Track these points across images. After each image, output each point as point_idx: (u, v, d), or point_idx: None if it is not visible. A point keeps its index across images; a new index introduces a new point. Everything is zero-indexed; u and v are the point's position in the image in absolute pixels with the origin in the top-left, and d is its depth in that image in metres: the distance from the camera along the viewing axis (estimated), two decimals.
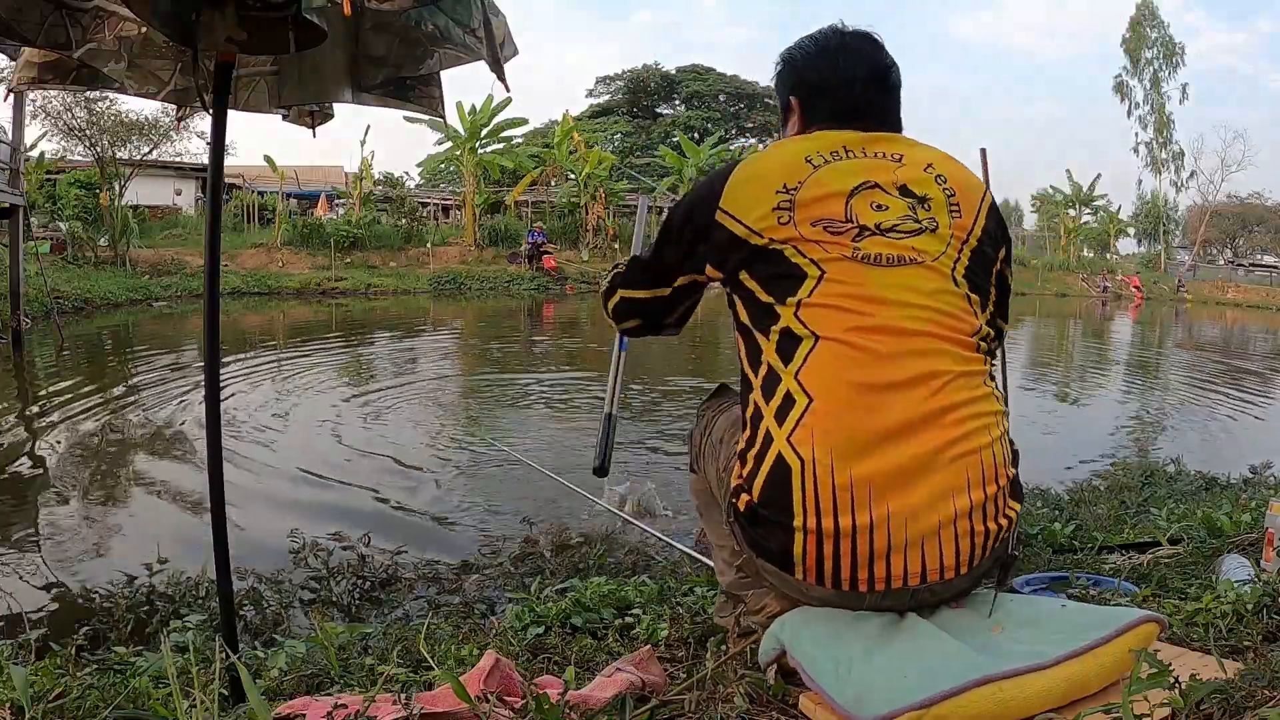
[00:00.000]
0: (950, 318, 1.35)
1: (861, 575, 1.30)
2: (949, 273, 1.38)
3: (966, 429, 1.31)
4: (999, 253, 1.48)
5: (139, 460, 5.34)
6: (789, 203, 1.38)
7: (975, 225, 1.43)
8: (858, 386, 1.30)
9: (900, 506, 1.27)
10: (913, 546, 1.28)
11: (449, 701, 1.24)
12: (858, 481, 1.27)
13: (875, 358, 1.30)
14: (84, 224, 19.08)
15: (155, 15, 1.70)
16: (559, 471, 4.58)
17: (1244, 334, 21.13)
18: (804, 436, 1.29)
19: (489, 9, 1.70)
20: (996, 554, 1.38)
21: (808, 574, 1.32)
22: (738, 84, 47.83)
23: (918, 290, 1.35)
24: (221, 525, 1.84)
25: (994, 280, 1.46)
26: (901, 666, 1.18)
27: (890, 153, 1.46)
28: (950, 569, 1.30)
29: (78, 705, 1.41)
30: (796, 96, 1.57)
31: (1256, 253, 47.71)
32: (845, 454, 1.28)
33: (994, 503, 1.32)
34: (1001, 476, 1.33)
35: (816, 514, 1.28)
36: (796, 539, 1.30)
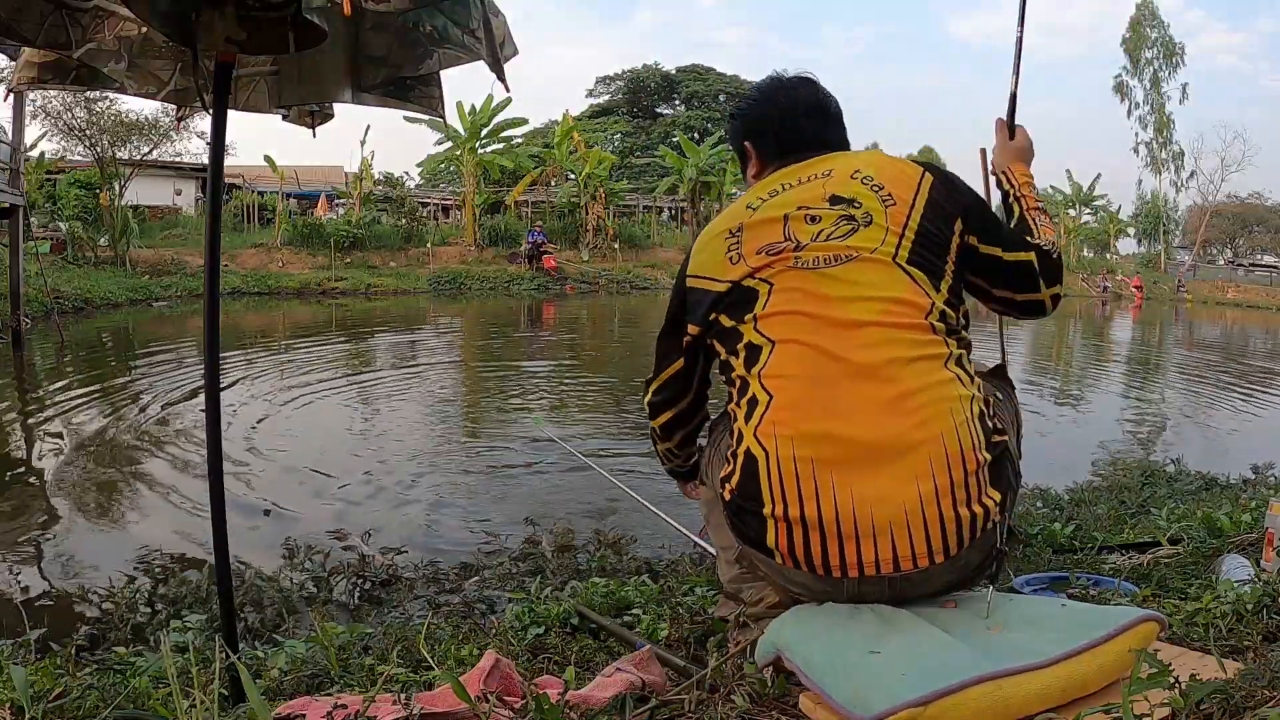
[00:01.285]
0: (899, 304, 1.41)
1: (833, 561, 1.36)
2: (890, 260, 1.44)
3: (925, 415, 1.34)
4: (953, 226, 1.51)
5: (139, 460, 5.34)
6: (736, 243, 1.53)
7: (913, 210, 1.48)
8: (813, 380, 1.38)
9: (863, 493, 1.33)
10: (881, 533, 1.33)
11: (449, 701, 1.24)
12: (820, 471, 1.34)
13: (827, 354, 1.39)
14: (84, 224, 19.09)
15: (155, 15, 1.71)
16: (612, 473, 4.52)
17: (1244, 334, 21.13)
18: (767, 430, 1.39)
19: (489, 9, 1.70)
20: (982, 546, 1.39)
21: (785, 559, 1.40)
22: (738, 84, 47.79)
23: (862, 283, 1.42)
24: (221, 525, 1.84)
25: (954, 255, 1.49)
26: (900, 665, 1.18)
27: (820, 172, 1.57)
28: (923, 556, 1.34)
29: (78, 705, 1.41)
30: (749, 141, 1.73)
31: (1256, 253, 47.72)
32: (804, 444, 1.36)
33: (964, 488, 1.34)
34: (970, 460, 1.34)
35: (784, 502, 1.36)
36: (769, 526, 1.39)
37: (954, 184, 1.57)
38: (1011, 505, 1.45)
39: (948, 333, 1.43)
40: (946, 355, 1.41)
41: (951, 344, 1.42)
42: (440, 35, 1.71)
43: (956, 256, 1.50)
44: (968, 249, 1.52)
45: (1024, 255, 1.56)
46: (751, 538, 1.43)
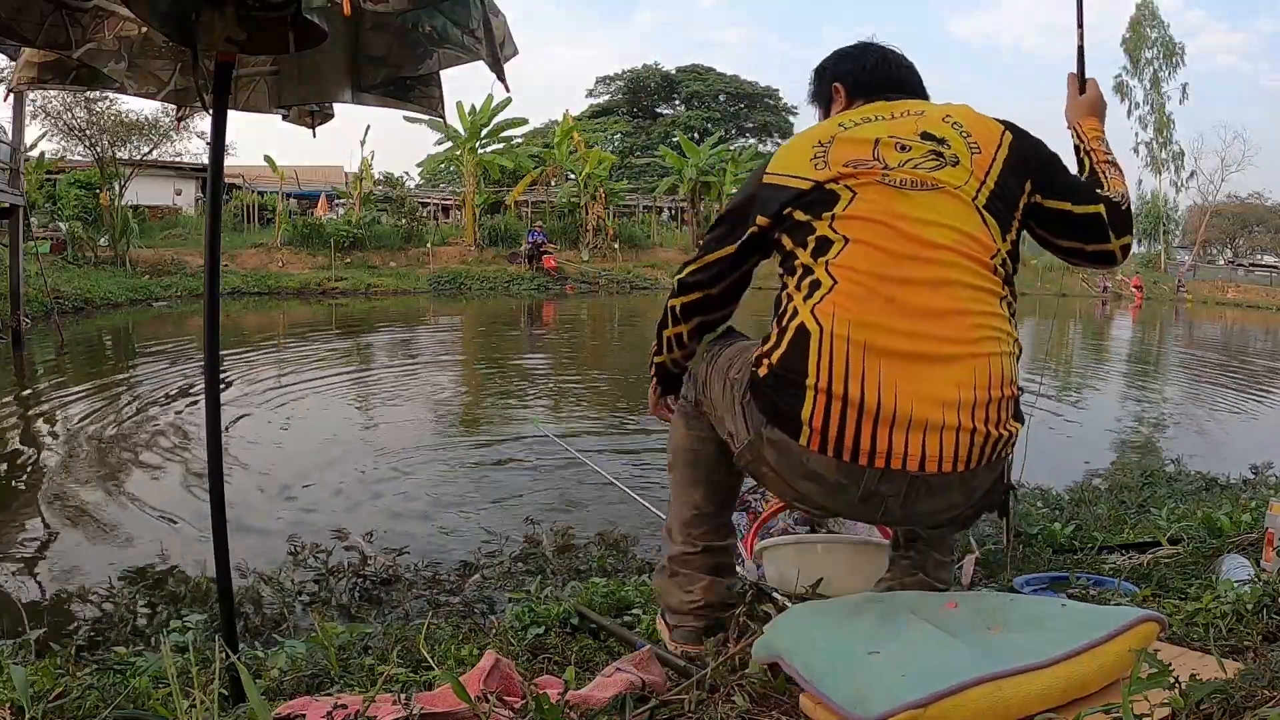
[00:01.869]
0: (970, 239, 1.47)
1: (864, 445, 1.39)
2: (970, 200, 1.50)
3: (977, 334, 1.43)
4: (1024, 184, 1.56)
5: (139, 460, 5.34)
6: (824, 151, 1.56)
7: (995, 162, 1.55)
8: (880, 278, 1.43)
9: (907, 387, 1.38)
10: (915, 427, 1.38)
11: (449, 701, 1.24)
12: (869, 356, 1.39)
13: (898, 259, 1.44)
14: (84, 224, 19.09)
15: (155, 15, 1.71)
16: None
17: (1244, 334, 21.13)
18: (826, 309, 1.43)
19: (488, 9, 1.70)
20: (991, 472, 1.47)
21: (813, 437, 1.42)
22: (738, 84, 47.83)
23: (941, 210, 1.48)
24: (221, 525, 1.84)
25: (1021, 211, 1.56)
26: (900, 665, 1.18)
27: (914, 110, 1.64)
28: (948, 460, 1.40)
29: (78, 705, 1.41)
30: (840, 83, 1.79)
31: (1256, 253, 47.70)
32: (861, 329, 1.40)
33: (996, 408, 1.42)
34: (1006, 388, 1.43)
35: (830, 376, 1.40)
36: (808, 398, 1.41)
37: (1031, 143, 1.62)
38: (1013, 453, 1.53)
39: (1005, 280, 1.51)
40: (1001, 297, 1.49)
41: (1006, 291, 1.51)
42: (440, 35, 1.71)
43: (1023, 213, 1.57)
44: (1034, 206, 1.58)
45: (1093, 208, 1.59)
46: (783, 410, 1.44)
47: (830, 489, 1.47)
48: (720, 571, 1.80)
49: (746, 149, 34.00)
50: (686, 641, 1.76)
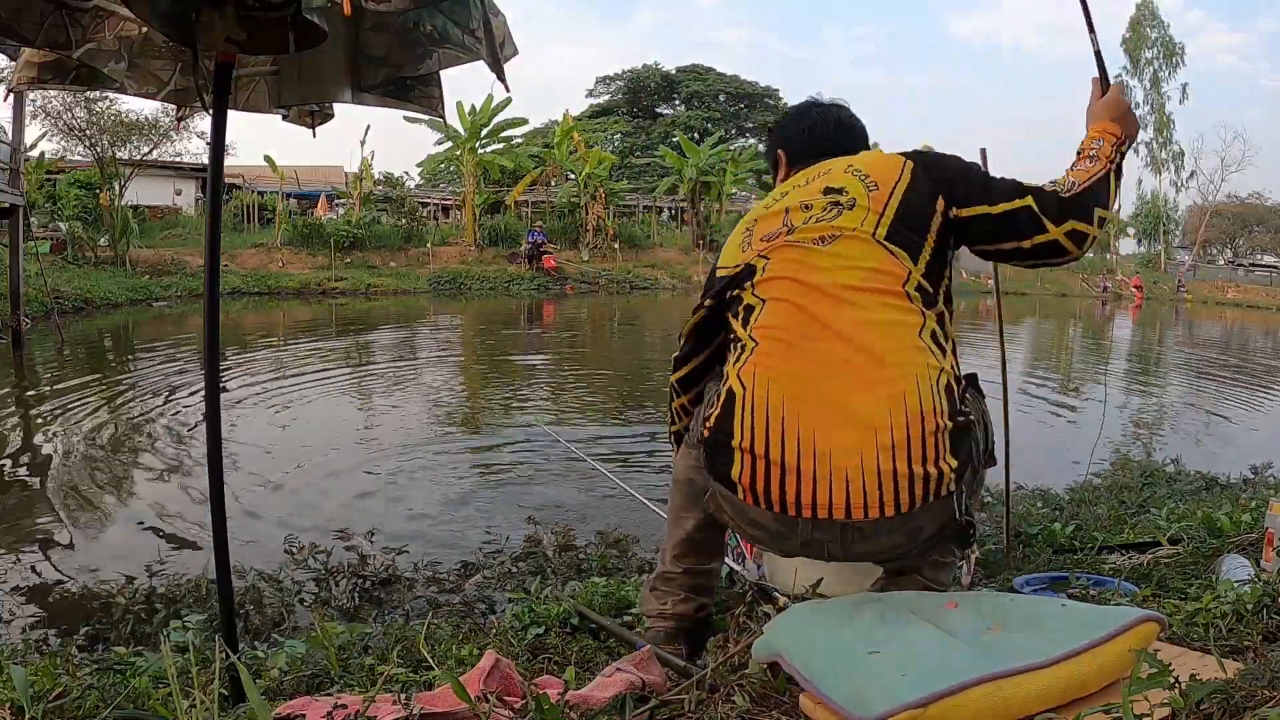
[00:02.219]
0: (877, 273, 1.54)
1: (789, 498, 1.47)
2: (870, 237, 1.57)
3: (891, 373, 1.47)
4: (935, 204, 1.60)
5: (139, 460, 5.34)
6: (749, 234, 1.73)
7: (894, 193, 1.61)
8: (794, 332, 1.54)
9: (826, 436, 1.45)
10: (837, 476, 1.44)
11: (449, 701, 1.24)
12: (789, 410, 1.48)
13: (809, 311, 1.54)
14: (84, 224, 19.08)
15: (155, 15, 1.71)
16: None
17: (1244, 334, 21.12)
18: (749, 370, 1.55)
19: (488, 9, 1.70)
20: (937, 514, 1.47)
21: (746, 494, 1.52)
22: (738, 84, 47.82)
23: (845, 255, 1.56)
24: (221, 525, 1.84)
25: (937, 230, 1.59)
26: (900, 665, 1.18)
27: (822, 171, 1.74)
28: (874, 506, 1.43)
29: (78, 705, 1.41)
30: (783, 150, 1.94)
31: (1256, 253, 47.69)
32: (779, 385, 1.50)
33: (921, 446, 1.43)
34: (930, 422, 1.44)
35: (753, 437, 1.50)
36: (735, 458, 1.52)
37: (937, 163, 1.67)
38: (972, 485, 1.53)
39: (925, 304, 1.54)
40: (920, 325, 1.52)
41: (929, 316, 1.54)
42: (440, 35, 1.71)
43: (939, 232, 1.59)
44: (952, 221, 1.60)
45: (1015, 203, 1.59)
46: (720, 471, 1.56)
47: (774, 535, 1.57)
48: (697, 591, 1.91)
49: (746, 149, 33.96)
50: (654, 643, 1.82)
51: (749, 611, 1.90)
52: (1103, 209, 1.58)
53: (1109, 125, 1.69)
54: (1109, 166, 1.62)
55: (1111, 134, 1.66)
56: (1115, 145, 1.65)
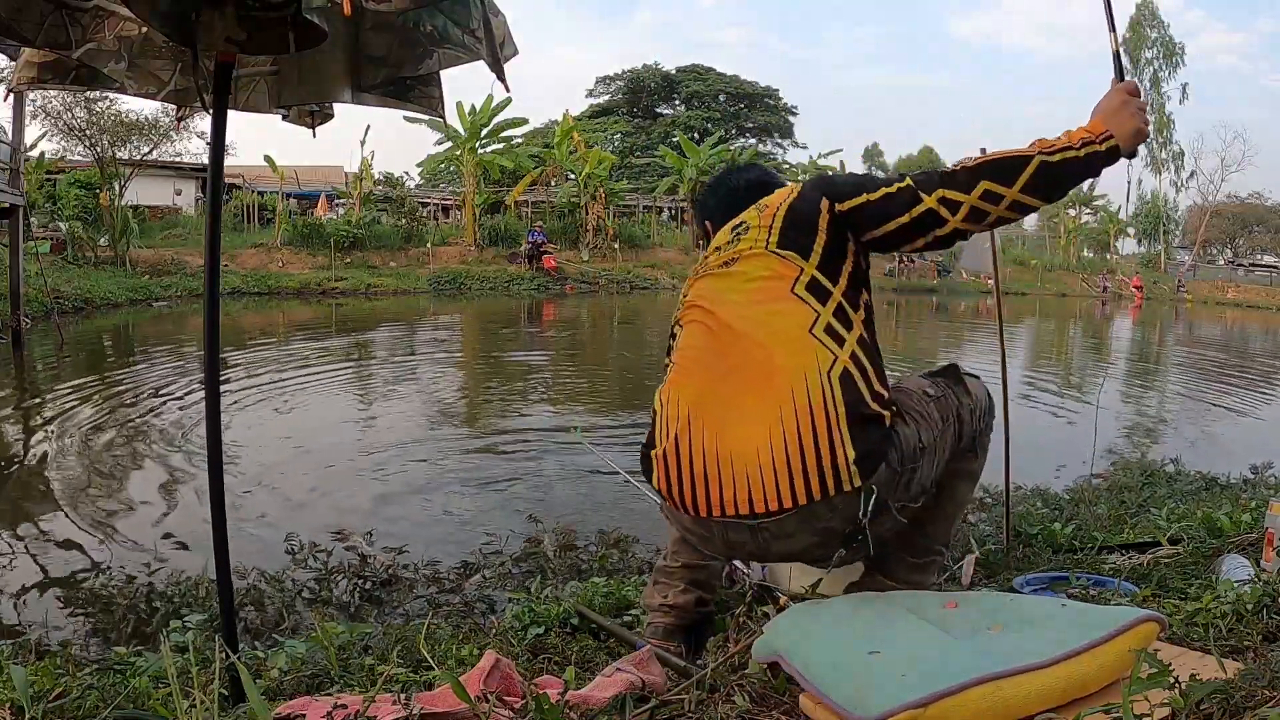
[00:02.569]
0: (770, 278, 1.64)
1: (700, 501, 1.58)
2: (763, 249, 1.68)
3: (779, 373, 1.54)
4: (819, 205, 1.69)
5: (139, 460, 5.34)
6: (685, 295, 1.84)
7: (780, 207, 1.72)
8: (701, 349, 1.68)
9: (727, 439, 1.55)
10: (739, 475, 1.53)
11: (449, 701, 1.24)
12: (694, 420, 1.60)
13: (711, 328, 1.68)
14: (84, 224, 19.07)
15: (155, 15, 1.70)
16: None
17: (1244, 334, 21.13)
18: (667, 389, 1.70)
19: (488, 9, 1.70)
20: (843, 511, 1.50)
21: (668, 498, 1.65)
22: (738, 84, 47.82)
23: (745, 273, 1.68)
24: (221, 525, 1.84)
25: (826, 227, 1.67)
26: (900, 666, 1.18)
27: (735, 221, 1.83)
28: (774, 499, 1.50)
29: (78, 705, 1.41)
30: (708, 220, 2.03)
31: (1256, 253, 47.70)
32: (687, 396, 1.64)
33: (813, 438, 1.49)
34: (820, 415, 1.50)
35: (665, 445, 1.64)
36: (655, 466, 1.67)
37: (824, 177, 1.82)
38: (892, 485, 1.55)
39: (819, 298, 1.61)
40: (813, 320, 1.59)
41: (824, 310, 1.60)
42: (440, 35, 1.71)
43: (828, 228, 1.67)
44: (839, 215, 1.68)
45: (894, 187, 1.65)
46: (650, 480, 1.71)
47: (700, 538, 1.69)
48: (695, 585, 1.96)
49: (746, 149, 34.00)
50: (654, 637, 1.88)
51: (749, 611, 1.90)
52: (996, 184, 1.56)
53: (1095, 121, 1.61)
54: (1038, 154, 1.56)
55: (1085, 130, 1.60)
56: (1084, 141, 1.58)
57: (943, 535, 1.89)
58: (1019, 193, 1.57)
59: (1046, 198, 1.60)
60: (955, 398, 1.77)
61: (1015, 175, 1.56)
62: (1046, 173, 1.57)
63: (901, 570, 1.85)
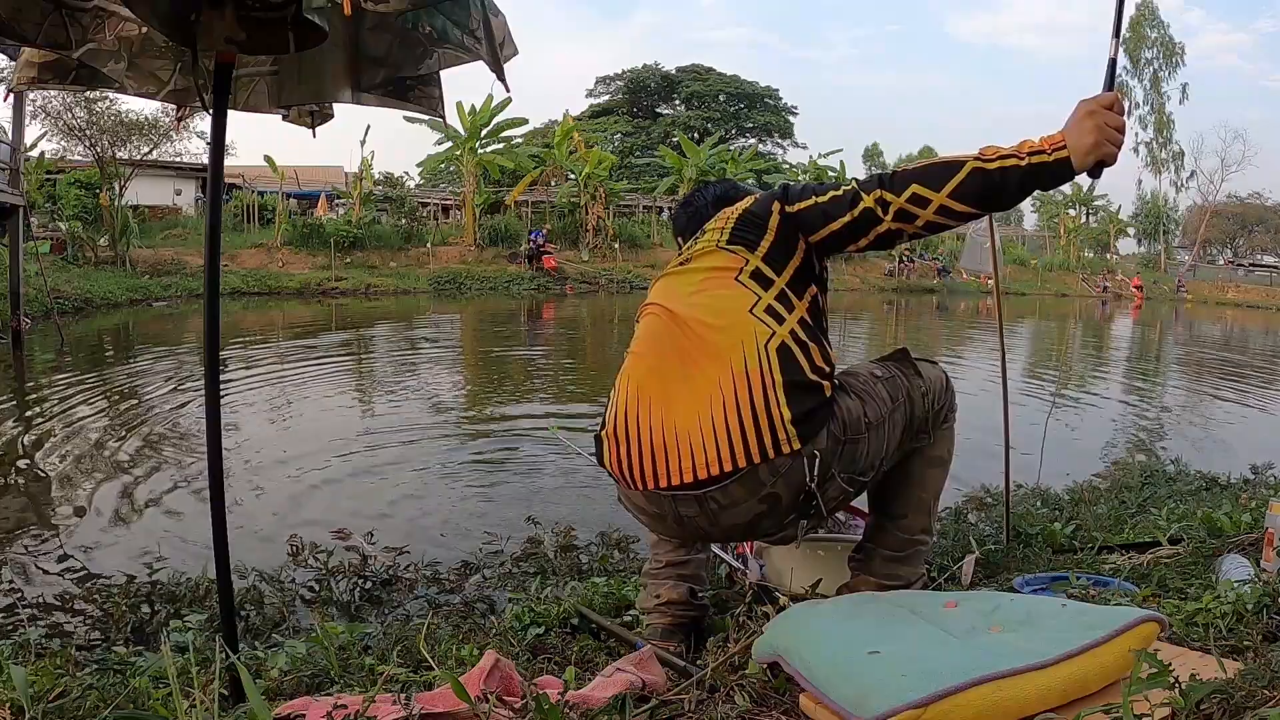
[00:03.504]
0: (715, 270, 1.73)
1: (646, 472, 1.64)
2: (714, 247, 1.76)
3: (721, 347, 1.62)
4: (770, 207, 1.75)
5: (139, 460, 5.33)
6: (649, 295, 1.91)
7: (737, 211, 1.79)
8: (651, 336, 1.76)
9: (669, 413, 1.63)
10: (682, 446, 1.60)
11: (449, 701, 1.24)
12: (641, 399, 1.68)
13: (660, 318, 1.75)
14: (84, 224, 19.08)
15: (155, 15, 1.70)
16: None
17: (1244, 334, 21.12)
18: (622, 377, 1.78)
19: (488, 9, 1.70)
20: (788, 478, 1.57)
21: (621, 480, 1.71)
22: (738, 84, 47.81)
23: (695, 268, 1.77)
24: (221, 525, 1.84)
25: (775, 227, 1.73)
26: (900, 666, 1.18)
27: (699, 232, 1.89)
28: (714, 464, 1.57)
29: (78, 705, 1.41)
30: (680, 236, 2.09)
31: (1256, 253, 47.73)
32: (634, 382, 1.72)
33: (750, 403, 1.56)
34: (756, 381, 1.57)
35: (614, 424, 1.72)
36: (606, 447, 1.74)
37: (783, 184, 1.83)
38: (835, 453, 1.61)
39: (761, 285, 1.68)
40: (754, 302, 1.66)
41: (765, 295, 1.67)
42: (440, 35, 1.70)
43: (778, 228, 1.72)
44: (788, 216, 1.73)
45: (838, 190, 1.70)
46: (600, 458, 1.78)
47: (653, 516, 1.74)
48: (684, 578, 1.99)
49: (746, 149, 33.98)
50: (653, 638, 1.88)
51: (749, 611, 1.90)
52: (925, 188, 1.55)
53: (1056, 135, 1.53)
54: (973, 160, 1.54)
55: (1043, 140, 1.53)
56: (1033, 150, 1.51)
57: (919, 523, 1.89)
58: (946, 198, 1.54)
59: (981, 205, 1.56)
60: (905, 379, 1.81)
61: (944, 180, 1.54)
62: (980, 180, 1.52)
63: (881, 565, 1.87)
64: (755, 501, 1.60)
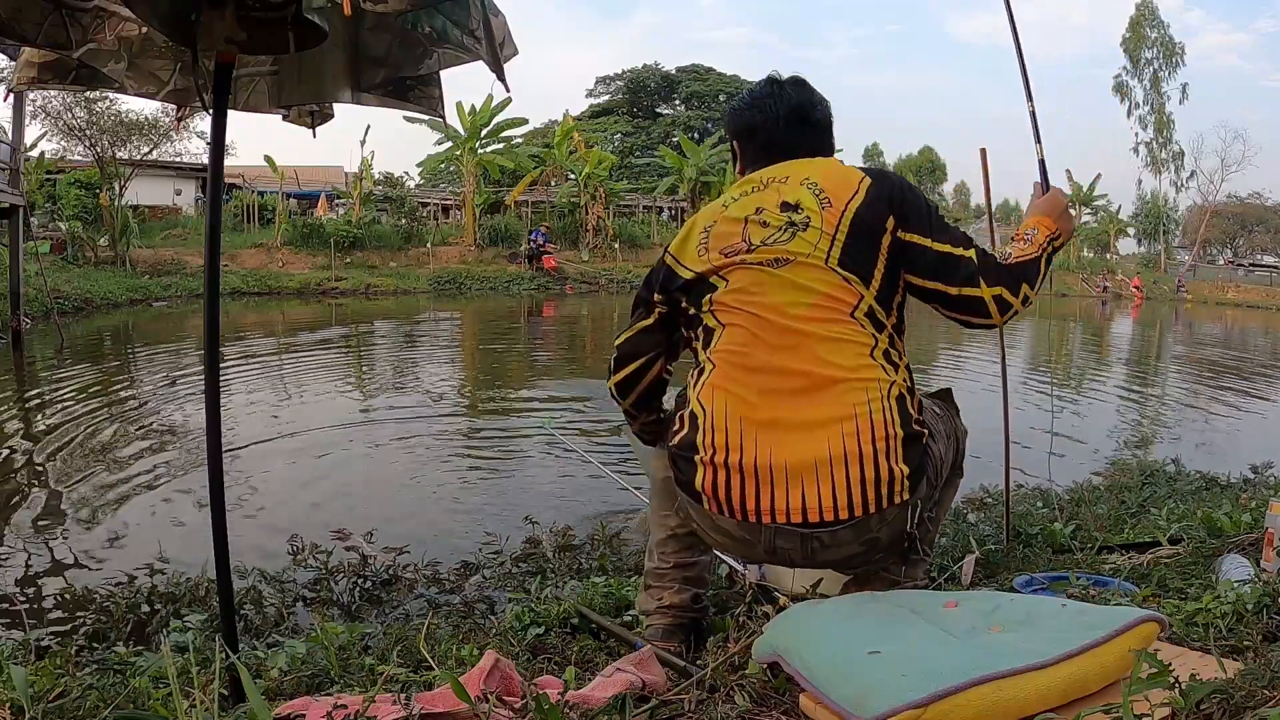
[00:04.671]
0: (828, 299, 1.61)
1: (750, 505, 1.58)
2: (823, 263, 1.63)
3: (841, 390, 1.56)
4: (885, 221, 1.65)
5: (139, 460, 5.33)
6: (706, 238, 1.75)
7: (847, 209, 1.66)
8: (749, 354, 1.63)
9: (782, 447, 1.56)
10: (793, 482, 1.55)
11: (449, 701, 1.24)
12: (746, 426, 1.59)
13: (762, 336, 1.63)
14: (84, 224, 19.08)
15: (155, 15, 1.70)
16: None
17: (1244, 334, 21.12)
18: (707, 394, 1.66)
19: (488, 9, 1.70)
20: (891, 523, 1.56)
21: (711, 504, 1.63)
22: (738, 84, 47.73)
23: (800, 281, 1.63)
24: (221, 525, 1.83)
25: (886, 249, 1.64)
26: (900, 666, 1.18)
27: (780, 177, 1.76)
28: (829, 510, 1.53)
29: (78, 705, 1.41)
30: (737, 141, 1.93)
31: (1256, 253, 47.72)
32: (737, 405, 1.61)
33: (873, 455, 1.53)
34: (880, 431, 1.54)
35: (713, 449, 1.61)
36: (699, 471, 1.63)
37: (895, 182, 1.72)
38: (927, 499, 1.63)
39: (875, 327, 1.62)
40: (871, 345, 1.61)
41: (880, 337, 1.62)
42: (440, 36, 1.70)
43: (888, 251, 1.65)
44: (897, 242, 1.65)
45: (956, 250, 1.66)
46: (685, 482, 1.67)
47: (739, 543, 1.68)
48: (690, 582, 1.95)
49: None
50: (654, 639, 1.86)
51: (749, 611, 1.90)
52: (1029, 287, 1.68)
53: (1045, 219, 1.76)
54: (1040, 253, 1.71)
55: (1046, 226, 1.75)
56: (1049, 236, 1.74)
57: (930, 539, 1.92)
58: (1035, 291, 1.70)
59: None
60: (953, 419, 1.86)
61: (1036, 276, 1.69)
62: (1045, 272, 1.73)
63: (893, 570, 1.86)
64: (857, 545, 1.60)
